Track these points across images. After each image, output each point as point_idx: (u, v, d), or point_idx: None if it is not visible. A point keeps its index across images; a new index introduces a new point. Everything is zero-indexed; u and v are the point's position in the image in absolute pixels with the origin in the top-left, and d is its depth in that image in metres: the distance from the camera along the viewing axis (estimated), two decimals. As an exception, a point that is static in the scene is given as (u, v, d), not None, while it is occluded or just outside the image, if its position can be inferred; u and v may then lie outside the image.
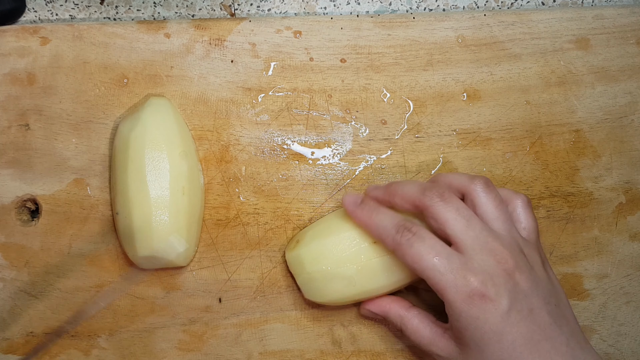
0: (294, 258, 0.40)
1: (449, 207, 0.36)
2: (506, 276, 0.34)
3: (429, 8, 0.46)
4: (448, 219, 0.35)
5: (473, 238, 0.35)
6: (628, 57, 0.44)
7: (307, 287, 0.40)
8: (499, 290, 0.34)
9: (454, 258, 0.34)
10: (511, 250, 0.35)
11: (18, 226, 0.42)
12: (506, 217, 0.37)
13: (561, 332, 0.34)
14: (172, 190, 0.39)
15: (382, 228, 0.37)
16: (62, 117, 0.42)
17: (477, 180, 0.37)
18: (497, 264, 0.34)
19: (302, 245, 0.40)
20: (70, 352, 0.42)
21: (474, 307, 0.34)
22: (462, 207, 0.36)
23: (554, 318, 0.35)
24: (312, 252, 0.39)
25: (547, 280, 0.36)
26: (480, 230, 0.35)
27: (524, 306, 0.34)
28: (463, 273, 0.34)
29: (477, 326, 0.34)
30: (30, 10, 0.44)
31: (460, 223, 0.35)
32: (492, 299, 0.33)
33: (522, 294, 0.34)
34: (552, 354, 0.34)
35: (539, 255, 0.37)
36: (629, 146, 0.45)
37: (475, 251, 0.35)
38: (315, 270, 0.39)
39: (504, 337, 0.33)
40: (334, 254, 0.39)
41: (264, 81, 0.43)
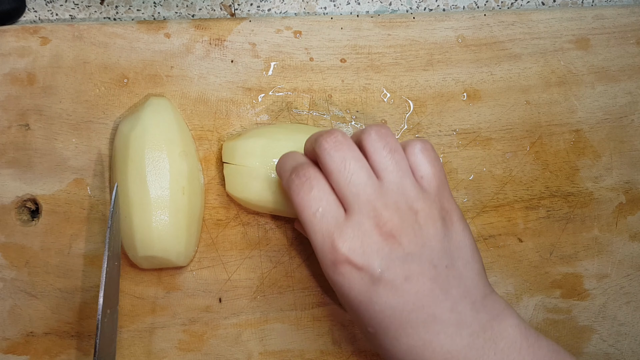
0: (229, 147, 0.40)
1: (335, 156, 0.33)
2: (381, 241, 0.31)
3: (429, 8, 0.46)
4: (333, 170, 0.33)
5: (354, 195, 0.32)
6: (628, 57, 0.44)
7: (231, 178, 0.40)
8: (367, 258, 0.31)
9: (331, 218, 0.32)
10: (394, 210, 0.32)
11: (18, 226, 0.42)
12: (397, 167, 0.33)
13: (445, 297, 0.31)
14: (172, 190, 0.39)
15: (281, 168, 0.35)
16: (62, 117, 0.42)
17: (369, 127, 0.34)
18: (373, 227, 0.31)
19: (242, 138, 0.40)
20: (70, 352, 0.42)
21: (338, 274, 0.32)
22: (350, 157, 0.33)
23: (437, 283, 0.31)
24: (248, 146, 0.39)
25: (441, 239, 0.32)
26: (363, 185, 0.32)
27: (398, 274, 0.31)
28: (333, 238, 0.31)
29: (342, 292, 0.32)
30: (30, 10, 0.44)
31: (344, 176, 0.32)
32: (359, 267, 0.31)
33: (398, 260, 0.31)
34: (428, 323, 0.31)
35: (436, 209, 0.33)
36: (629, 146, 0.45)
37: (354, 211, 0.32)
38: (243, 163, 0.39)
39: (370, 305, 0.31)
40: (267, 155, 0.39)
41: (264, 81, 0.43)
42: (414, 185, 0.33)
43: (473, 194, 0.43)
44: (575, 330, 0.44)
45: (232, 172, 0.40)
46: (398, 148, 0.34)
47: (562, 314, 0.44)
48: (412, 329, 0.31)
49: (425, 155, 0.34)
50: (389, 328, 0.32)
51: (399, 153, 0.34)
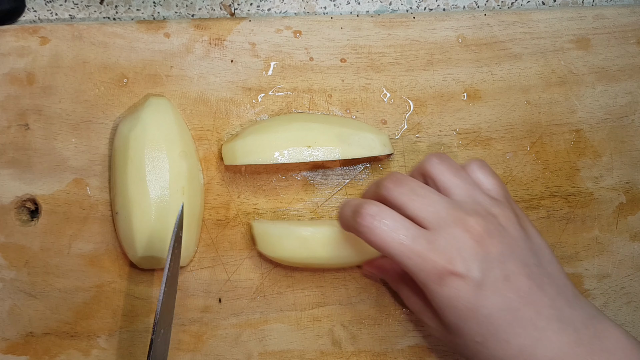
0: (228, 149, 0.40)
1: (402, 190, 0.34)
2: (475, 246, 0.32)
3: (429, 8, 0.46)
4: (405, 201, 0.34)
5: (434, 213, 0.33)
6: (628, 56, 0.44)
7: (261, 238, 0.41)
8: (468, 265, 0.32)
9: (419, 239, 0.33)
10: (476, 215, 0.33)
11: (18, 226, 0.42)
12: (465, 182, 0.35)
13: (543, 294, 0.32)
14: (171, 190, 0.39)
15: (344, 218, 0.36)
16: (61, 117, 0.42)
17: (429, 156, 0.36)
18: (464, 233, 0.33)
19: (240, 138, 0.40)
20: (70, 352, 0.42)
21: (445, 287, 0.32)
22: (416, 185, 0.34)
23: (534, 280, 0.33)
24: (247, 145, 0.39)
25: (525, 239, 0.34)
26: (439, 203, 0.34)
27: (497, 275, 0.32)
28: (430, 254, 0.32)
29: (450, 305, 0.32)
30: (30, 10, 0.44)
31: (417, 202, 0.34)
32: (462, 275, 0.32)
33: (495, 261, 0.32)
34: (534, 320, 0.32)
35: (512, 213, 0.35)
36: (630, 146, 0.44)
37: (440, 226, 0.33)
38: (245, 162, 0.39)
39: (479, 311, 0.32)
40: (268, 150, 0.39)
41: (264, 81, 0.43)
42: (484, 196, 0.35)
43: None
44: (575, 331, 0.44)
45: (262, 232, 0.40)
46: (460, 168, 0.36)
47: (562, 314, 0.44)
48: (520, 327, 0.32)
49: (485, 171, 0.37)
50: (499, 331, 0.32)
51: (462, 171, 0.36)
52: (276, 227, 0.40)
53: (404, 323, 0.43)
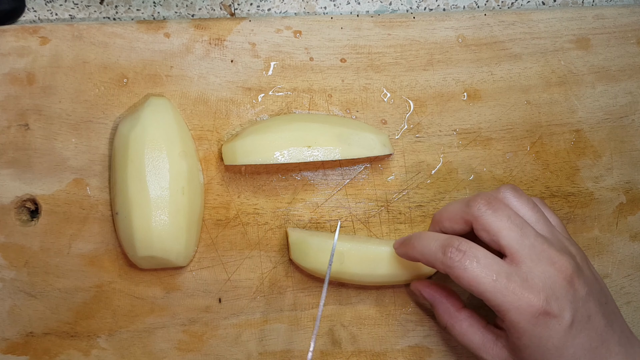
0: (228, 149, 0.40)
1: (499, 215, 0.34)
2: (567, 285, 0.33)
3: (429, 8, 0.46)
4: (501, 228, 0.34)
5: (529, 247, 0.33)
6: (628, 56, 0.44)
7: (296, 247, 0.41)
8: (561, 304, 0.32)
9: (514, 276, 0.33)
10: (564, 254, 0.34)
11: (18, 226, 0.42)
12: (545, 219, 0.35)
13: (613, 332, 0.34)
14: (171, 190, 0.39)
15: (427, 251, 0.35)
16: (61, 117, 0.42)
17: (503, 188, 0.36)
18: (557, 273, 0.33)
19: (240, 138, 0.40)
20: (70, 352, 0.42)
21: (538, 326, 0.32)
22: (513, 214, 0.34)
23: (607, 319, 0.34)
24: (247, 145, 0.39)
25: (594, 278, 0.35)
26: (534, 237, 0.34)
27: (583, 314, 0.33)
28: (526, 293, 0.32)
29: (539, 344, 0.33)
30: (30, 10, 0.44)
31: (514, 232, 0.33)
32: (556, 315, 0.32)
33: (581, 301, 0.33)
34: (606, 357, 0.33)
35: (580, 251, 0.36)
36: (630, 146, 0.44)
37: (533, 262, 0.33)
38: (245, 162, 0.39)
39: (565, 351, 0.33)
40: (268, 150, 0.39)
41: (264, 81, 0.43)
42: (559, 234, 0.36)
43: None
44: (575, 331, 0.44)
45: (298, 242, 0.40)
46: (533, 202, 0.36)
47: (562, 314, 0.44)
48: None
49: (548, 208, 0.38)
50: None
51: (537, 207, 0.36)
52: (313, 238, 0.40)
53: (404, 323, 0.43)
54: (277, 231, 0.42)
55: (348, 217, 0.43)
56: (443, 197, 0.43)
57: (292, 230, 0.41)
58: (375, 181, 0.43)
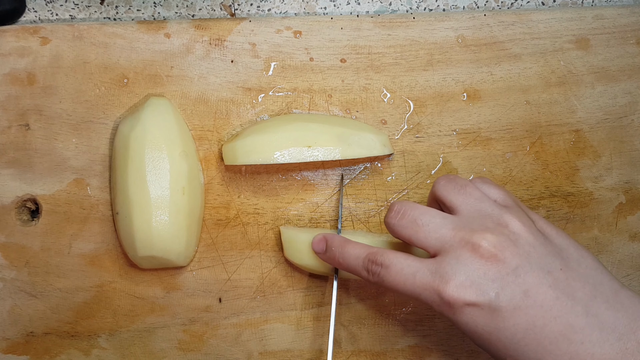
0: (229, 149, 0.40)
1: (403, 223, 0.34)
2: (485, 265, 0.31)
3: (429, 8, 0.46)
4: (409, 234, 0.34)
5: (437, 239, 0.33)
6: (628, 57, 0.44)
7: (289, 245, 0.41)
8: (479, 289, 0.30)
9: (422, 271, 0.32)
10: (483, 229, 0.32)
11: (18, 226, 0.42)
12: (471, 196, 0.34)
13: (574, 302, 0.30)
14: (172, 190, 0.39)
15: (354, 266, 0.36)
16: (62, 117, 0.42)
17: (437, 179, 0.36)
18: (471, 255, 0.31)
19: (240, 138, 0.40)
20: (70, 352, 0.42)
21: (460, 315, 0.31)
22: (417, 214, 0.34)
23: (559, 288, 0.30)
24: (247, 145, 0.40)
25: (543, 243, 0.32)
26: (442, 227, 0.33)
27: (515, 291, 0.30)
28: (436, 285, 0.31)
29: (470, 330, 0.31)
30: (30, 10, 0.44)
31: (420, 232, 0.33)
32: (474, 302, 0.30)
33: (510, 276, 0.30)
34: (567, 334, 0.29)
35: (524, 216, 0.33)
36: (629, 146, 0.45)
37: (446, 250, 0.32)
38: (246, 162, 0.39)
39: (501, 334, 0.30)
40: (268, 150, 0.39)
41: (264, 81, 0.43)
42: (493, 205, 0.33)
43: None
44: (575, 330, 0.44)
45: (291, 239, 0.40)
46: (468, 183, 0.35)
47: (562, 314, 0.44)
48: (551, 344, 0.29)
49: (489, 183, 0.36)
50: (528, 352, 0.30)
51: (469, 186, 0.34)
52: (306, 235, 0.40)
53: (404, 323, 0.43)
54: (277, 231, 0.42)
55: (348, 217, 0.43)
56: (443, 197, 0.43)
57: (284, 229, 0.41)
58: (375, 181, 0.43)
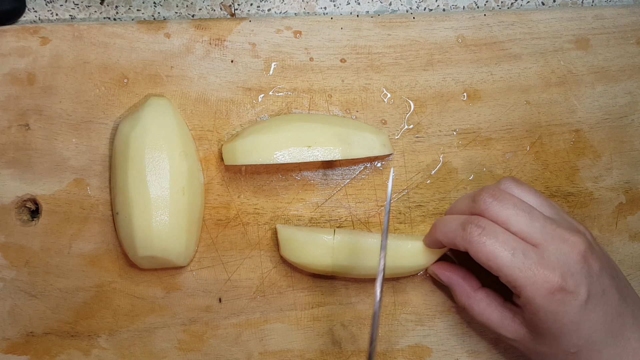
0: (229, 149, 0.40)
1: (505, 204, 0.35)
2: (582, 261, 0.34)
3: (429, 8, 0.46)
4: (509, 216, 0.35)
5: (540, 229, 0.34)
6: (628, 57, 0.44)
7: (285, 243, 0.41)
8: (577, 280, 0.33)
9: (530, 253, 0.34)
10: (575, 232, 0.35)
11: (18, 226, 0.42)
12: (549, 202, 0.37)
13: (627, 305, 0.35)
14: (172, 190, 0.39)
15: (448, 230, 0.36)
16: (62, 117, 0.42)
17: (503, 180, 0.37)
18: (570, 249, 0.34)
19: (240, 138, 0.40)
20: (70, 352, 0.42)
21: (554, 302, 0.33)
22: (518, 201, 0.35)
23: (620, 292, 0.35)
24: (247, 145, 0.39)
25: (604, 254, 0.36)
26: (543, 219, 0.35)
27: (598, 289, 0.34)
28: (541, 269, 0.33)
29: (556, 319, 0.34)
30: (30, 10, 0.44)
31: (523, 217, 0.34)
32: (572, 292, 0.33)
33: (595, 276, 0.34)
34: (622, 330, 0.34)
35: (587, 230, 0.37)
36: (629, 146, 0.45)
37: (547, 242, 0.34)
38: (246, 162, 0.39)
39: (582, 325, 0.33)
40: (268, 150, 0.39)
41: (264, 81, 0.43)
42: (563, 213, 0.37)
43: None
44: (575, 330, 0.44)
45: (287, 237, 0.40)
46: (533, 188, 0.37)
47: (562, 314, 0.44)
48: (613, 337, 0.34)
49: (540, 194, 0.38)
50: (595, 342, 0.34)
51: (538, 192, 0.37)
52: (302, 233, 0.40)
53: (404, 323, 0.43)
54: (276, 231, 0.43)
55: (348, 217, 0.43)
56: (443, 197, 0.43)
57: (281, 227, 0.41)
58: (375, 181, 0.43)
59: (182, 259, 0.40)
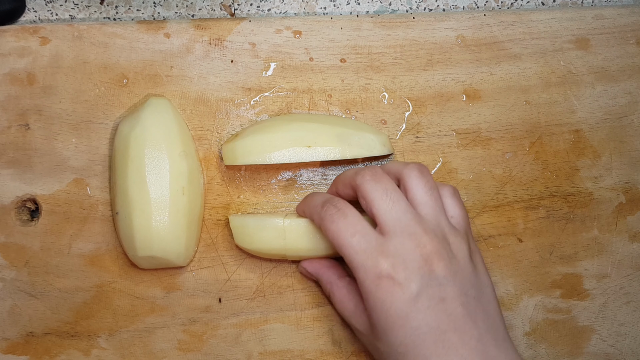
0: (228, 149, 0.40)
1: (377, 186, 0.36)
2: (421, 261, 0.34)
3: (429, 8, 0.46)
4: (375, 197, 0.35)
5: (395, 220, 0.35)
6: (628, 57, 0.44)
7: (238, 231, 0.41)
8: (409, 275, 0.33)
9: (370, 238, 0.34)
10: (433, 236, 0.34)
11: (18, 226, 0.42)
12: (435, 204, 0.36)
13: (474, 326, 0.33)
14: (172, 190, 0.39)
15: (312, 205, 0.38)
16: (62, 117, 0.42)
17: (410, 165, 0.37)
18: (414, 247, 0.34)
19: (240, 138, 0.40)
20: (70, 352, 0.42)
21: (380, 289, 0.33)
22: (391, 188, 0.36)
23: (468, 310, 0.33)
24: (247, 145, 0.40)
25: (471, 272, 0.35)
26: (404, 212, 0.35)
27: (435, 294, 0.33)
28: (376, 255, 0.34)
29: (382, 308, 0.33)
30: (30, 10, 0.44)
31: (386, 203, 0.35)
32: (400, 283, 0.33)
33: (436, 281, 0.33)
34: (458, 347, 0.32)
35: (466, 245, 0.36)
36: (629, 146, 0.45)
37: (395, 233, 0.34)
38: (246, 162, 0.39)
39: (408, 322, 0.33)
40: (267, 150, 0.39)
41: (264, 81, 0.43)
42: (447, 221, 0.36)
43: (473, 194, 0.43)
44: (575, 331, 0.44)
45: (239, 225, 0.40)
46: (435, 188, 0.37)
47: (562, 314, 0.44)
48: (444, 349, 0.32)
49: (455, 199, 0.38)
50: (422, 346, 0.33)
51: (436, 192, 0.37)
52: (252, 219, 0.40)
53: (403, 323, 0.43)
54: (277, 231, 0.42)
55: (348, 217, 0.43)
56: (443, 197, 0.43)
57: (233, 217, 0.41)
58: (375, 181, 0.43)
59: (182, 259, 0.40)
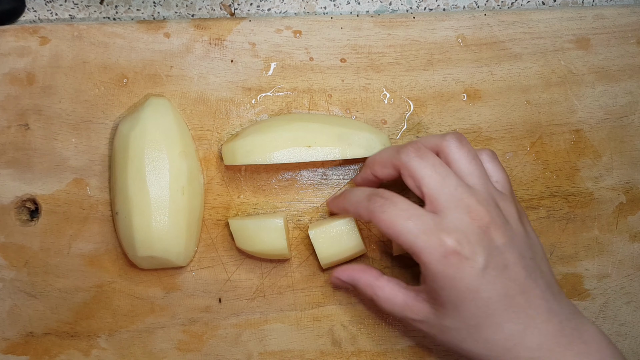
0: (228, 149, 0.40)
1: (424, 163, 0.35)
2: (481, 233, 0.34)
3: (429, 8, 0.46)
4: (424, 175, 0.35)
5: (448, 195, 0.34)
6: (628, 56, 0.44)
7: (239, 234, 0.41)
8: (474, 248, 0.33)
9: (426, 219, 0.34)
10: (486, 205, 0.35)
11: (18, 226, 0.42)
12: (481, 172, 0.36)
13: (536, 285, 0.34)
14: (172, 190, 0.39)
15: (355, 201, 0.37)
16: (61, 117, 0.42)
17: (449, 136, 0.37)
18: (471, 220, 0.34)
19: (240, 137, 0.40)
20: (70, 352, 0.42)
21: (449, 266, 0.33)
22: (438, 163, 0.36)
23: (528, 272, 0.34)
24: (247, 145, 0.39)
25: (523, 234, 0.36)
26: (455, 186, 0.35)
27: (499, 262, 0.34)
28: (437, 233, 0.33)
29: (453, 285, 0.33)
30: (30, 10, 0.44)
31: (435, 180, 0.35)
32: (468, 257, 0.33)
33: (497, 250, 0.34)
34: (526, 308, 0.34)
35: (515, 208, 0.36)
36: (630, 146, 0.44)
37: (449, 209, 0.34)
38: (246, 162, 0.39)
39: (479, 294, 0.33)
40: (267, 150, 0.39)
41: (264, 81, 0.43)
42: (493, 187, 0.37)
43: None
44: (575, 331, 0.44)
45: (239, 228, 0.40)
46: (477, 155, 0.37)
47: (562, 314, 0.44)
48: (514, 313, 0.34)
49: (495, 162, 0.38)
50: (495, 314, 0.34)
51: (478, 159, 0.37)
52: (252, 221, 0.40)
53: (404, 323, 0.43)
54: (277, 231, 0.42)
55: (348, 217, 0.43)
56: (443, 197, 0.43)
57: (232, 220, 0.41)
58: (375, 181, 0.43)
59: (181, 259, 0.40)
